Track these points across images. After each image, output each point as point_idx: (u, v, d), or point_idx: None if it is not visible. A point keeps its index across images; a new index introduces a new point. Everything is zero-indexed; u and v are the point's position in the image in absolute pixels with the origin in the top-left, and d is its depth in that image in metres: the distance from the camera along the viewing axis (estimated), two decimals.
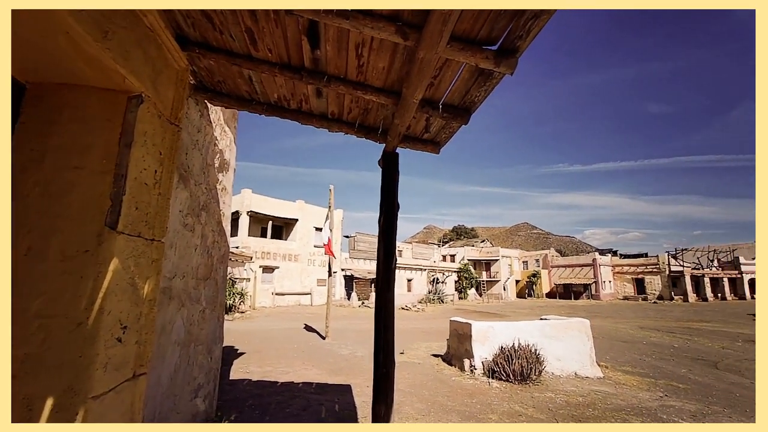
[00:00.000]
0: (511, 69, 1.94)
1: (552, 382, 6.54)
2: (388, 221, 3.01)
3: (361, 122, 3.08)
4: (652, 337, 14.39)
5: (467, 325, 7.34)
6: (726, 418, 5.17)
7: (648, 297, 43.43)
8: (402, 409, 4.95)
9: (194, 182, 3.13)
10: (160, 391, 2.43)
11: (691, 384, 7.25)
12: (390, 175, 3.11)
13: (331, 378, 6.68)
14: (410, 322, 17.78)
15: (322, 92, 2.67)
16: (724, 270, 45.73)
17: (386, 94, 2.50)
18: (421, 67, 1.93)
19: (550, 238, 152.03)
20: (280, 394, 5.54)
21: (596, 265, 44.67)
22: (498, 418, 4.76)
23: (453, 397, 5.63)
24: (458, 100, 2.50)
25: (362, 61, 2.25)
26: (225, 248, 4.25)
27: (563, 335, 7.39)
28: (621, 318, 22.64)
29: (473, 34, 1.85)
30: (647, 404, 5.56)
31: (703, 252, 48.49)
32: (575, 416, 4.90)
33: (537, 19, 1.64)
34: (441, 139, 3.10)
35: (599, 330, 15.18)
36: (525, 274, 48.55)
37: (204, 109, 3.30)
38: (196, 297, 3.19)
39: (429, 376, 6.90)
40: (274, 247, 24.67)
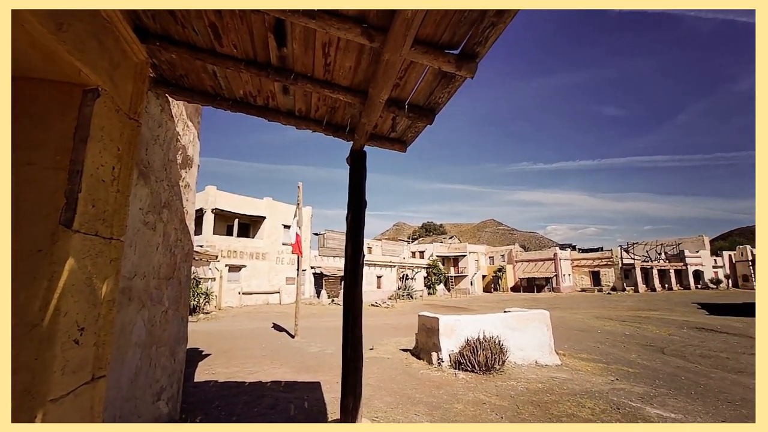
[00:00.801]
0: (472, 73, 2.03)
1: (514, 370, 6.85)
2: (356, 218, 3.05)
3: (328, 120, 3.10)
4: (606, 326, 15.33)
5: (435, 319, 7.53)
6: (671, 399, 5.63)
7: (603, 288, 46.11)
8: (371, 403, 5.03)
9: (155, 179, 3.03)
10: (121, 395, 2.35)
11: (640, 368, 7.82)
12: (357, 173, 3.15)
13: (301, 376, 6.65)
14: (380, 319, 17.91)
15: (289, 90, 2.67)
16: (670, 262, 49.30)
17: (353, 93, 2.54)
18: (387, 69, 1.98)
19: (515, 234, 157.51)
20: (248, 394, 5.46)
21: (557, 260, 46.83)
22: (463, 407, 4.95)
23: (421, 389, 5.77)
24: (423, 100, 2.58)
25: (329, 60, 2.27)
26: (189, 247, 4.13)
27: (525, 326, 7.74)
28: (579, 309, 23.92)
29: (436, 38, 1.93)
30: (600, 388, 5.96)
31: (652, 246, 52.00)
32: (534, 402, 5.17)
33: (494, 28, 1.74)
34: (407, 138, 3.18)
35: (559, 321, 15.98)
36: (491, 269, 50.09)
37: (165, 103, 3.19)
38: (158, 297, 3.10)
39: (398, 370, 7.02)
40: (240, 246, 24.01)
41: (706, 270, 50.44)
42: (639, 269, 45.29)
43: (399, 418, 4.48)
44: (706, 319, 19.00)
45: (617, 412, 4.84)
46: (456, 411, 4.80)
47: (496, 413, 4.74)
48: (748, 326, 16.12)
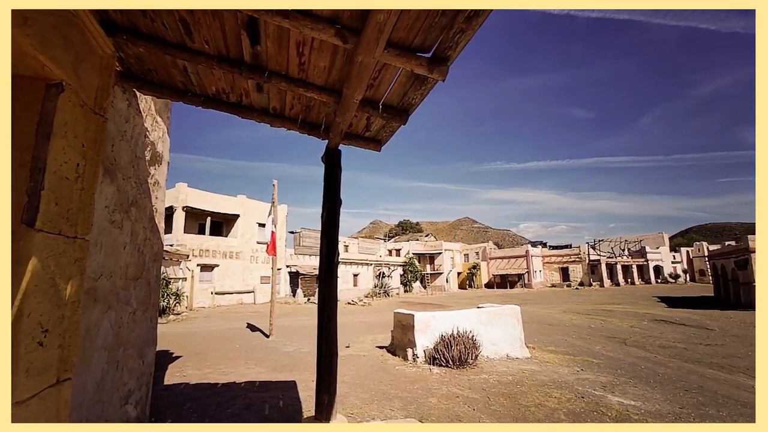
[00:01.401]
0: (443, 76, 2.10)
1: (487, 364, 7.06)
2: (331, 217, 3.08)
3: (303, 118, 3.10)
4: (573, 320, 15.98)
5: (410, 316, 7.64)
6: (632, 387, 5.96)
7: (571, 284, 47.94)
8: (347, 400, 5.06)
9: (122, 176, 2.94)
10: (87, 398, 2.28)
11: (603, 359, 8.22)
12: (332, 171, 3.17)
13: (276, 375, 6.60)
14: (356, 316, 17.94)
15: (263, 87, 2.66)
16: (633, 258, 51.82)
17: (328, 93, 2.56)
18: (360, 70, 2.02)
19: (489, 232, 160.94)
20: (221, 395, 5.37)
21: (528, 257, 48.26)
22: (437, 401, 5.06)
23: (396, 385, 5.86)
24: (397, 101, 2.63)
25: (303, 59, 2.28)
26: (158, 246, 4.01)
27: (497, 321, 7.98)
28: (548, 304, 24.79)
29: (408, 41, 1.98)
30: (566, 378, 6.24)
31: (616, 242, 54.49)
32: (505, 393, 5.36)
33: (463, 34, 1.81)
34: (382, 138, 3.22)
35: (529, 315, 16.52)
36: (466, 267, 51.02)
37: (133, 97, 3.10)
38: (125, 298, 3.01)
39: (374, 367, 7.08)
40: (213, 245, 23.38)
41: (666, 265, 53.41)
42: (604, 265, 47.34)
43: (374, 413, 4.54)
44: (666, 311, 20.13)
45: (581, 401, 5.09)
46: (430, 405, 4.91)
47: (469, 405, 4.88)
48: (704, 318, 17.21)
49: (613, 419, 4.46)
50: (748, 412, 4.89)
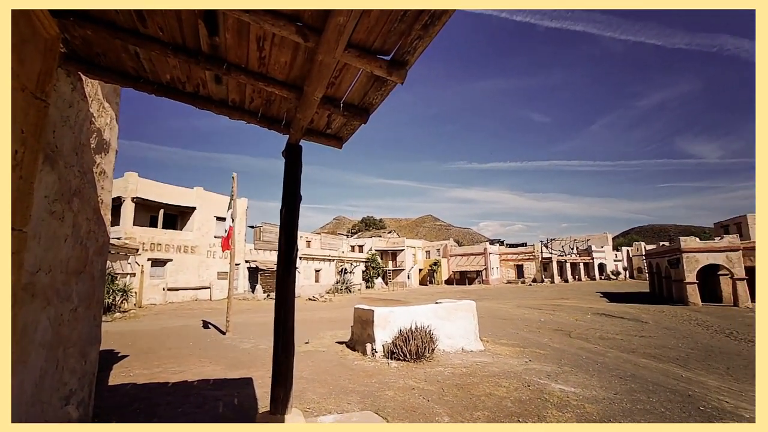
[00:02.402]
0: (401, 79, 2.18)
1: (442, 357, 7.31)
2: (290, 213, 3.08)
3: (264, 112, 3.07)
4: (525, 314, 16.85)
5: (370, 311, 7.74)
6: (573, 376, 6.42)
7: (525, 280, 50.38)
8: (304, 395, 5.07)
9: (64, 164, 2.76)
10: (24, 399, 2.14)
11: (550, 350, 8.77)
12: (293, 167, 3.17)
13: (231, 373, 6.46)
14: (317, 312, 17.82)
15: (221, 79, 2.60)
16: (581, 256, 55.34)
17: (289, 88, 2.55)
18: (321, 68, 2.05)
19: (451, 230, 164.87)
20: (171, 395, 5.19)
21: (487, 254, 50.09)
22: (394, 393, 5.20)
23: (354, 379, 5.93)
24: (358, 100, 2.68)
25: (264, 53, 2.27)
26: (103, 239, 3.80)
27: (453, 316, 8.28)
28: (503, 299, 25.93)
29: (369, 44, 2.04)
30: (515, 369, 6.61)
31: (566, 241, 57.92)
32: (458, 384, 5.61)
33: (420, 40, 1.89)
34: (343, 135, 3.26)
35: (485, 310, 17.22)
36: (427, 263, 52.05)
37: (77, 81, 2.91)
38: (66, 294, 2.84)
39: (333, 362, 7.11)
40: (166, 238, 22.19)
41: (609, 263, 57.63)
42: (555, 263, 50.17)
43: (331, 407, 4.59)
44: (607, 306, 21.74)
45: (527, 389, 5.43)
46: (386, 398, 5.03)
47: (424, 397, 5.06)
48: (640, 312, 18.78)
49: (554, 405, 4.80)
50: (676, 398, 5.44)
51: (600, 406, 4.89)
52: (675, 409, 4.95)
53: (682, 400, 5.36)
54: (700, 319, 16.87)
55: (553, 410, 4.65)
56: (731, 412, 5.01)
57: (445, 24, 1.80)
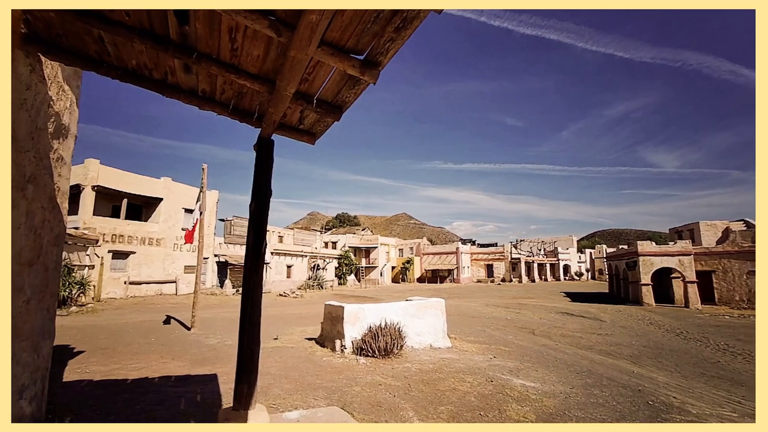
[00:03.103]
0: (374, 79, 2.21)
1: (411, 354, 7.43)
2: (260, 207, 3.05)
3: (235, 105, 3.02)
4: (493, 312, 17.35)
5: (340, 308, 7.75)
6: (533, 371, 6.69)
7: (495, 279, 51.75)
8: (270, 391, 5.03)
9: (18, 149, 2.62)
10: None
11: (514, 347, 9.09)
12: (264, 161, 3.14)
13: (195, 369, 6.30)
14: (288, 309, 17.61)
15: (191, 68, 2.54)
16: (547, 257, 57.45)
17: (261, 82, 2.53)
18: (293, 64, 2.05)
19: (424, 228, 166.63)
20: (130, 392, 5.01)
21: (458, 253, 51.04)
22: (360, 389, 5.25)
23: (322, 375, 5.94)
24: (331, 97, 2.69)
25: (236, 45, 2.24)
26: (59, 228, 3.61)
27: (422, 313, 8.42)
28: (473, 298, 26.55)
29: (342, 42, 2.06)
30: (480, 365, 6.82)
31: (534, 243, 59.99)
32: (425, 380, 5.73)
33: (393, 42, 1.93)
34: (316, 131, 3.25)
35: (455, 308, 17.59)
36: (400, 261, 52.45)
37: (36, 62, 2.76)
38: (18, 285, 2.69)
39: (301, 358, 7.08)
40: (129, 230, 21.21)
41: (573, 264, 60.19)
42: (524, 263, 51.81)
43: (297, 403, 4.58)
44: (570, 305, 22.70)
45: (490, 384, 5.62)
46: (353, 393, 5.07)
47: (390, 393, 5.13)
48: (599, 311, 19.73)
49: (515, 399, 5.00)
50: (627, 392, 5.78)
51: (557, 399, 5.14)
52: (626, 402, 5.27)
53: (633, 394, 5.71)
54: (653, 318, 17.93)
55: (514, 404, 4.85)
56: (678, 407, 5.37)
57: (417, 28, 1.85)
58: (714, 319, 18.23)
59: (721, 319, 18.49)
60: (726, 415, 5.42)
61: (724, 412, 5.60)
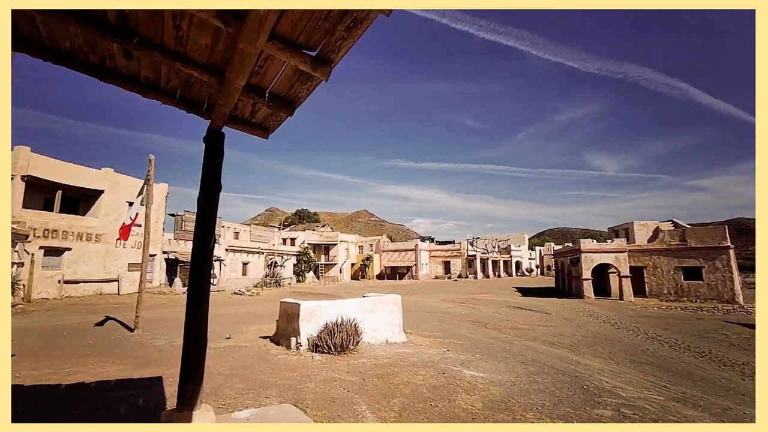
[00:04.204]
0: (326, 76, 2.23)
1: (366, 349, 7.51)
2: (209, 202, 2.96)
3: (183, 94, 2.90)
4: (448, 308, 17.89)
5: (296, 305, 7.66)
6: (483, 362, 7.01)
7: (452, 276, 53.29)
8: (220, 391, 4.89)
9: None
10: None
11: (466, 340, 9.47)
12: (214, 155, 3.04)
13: (138, 372, 5.97)
14: (243, 307, 17.09)
15: (132, 54, 2.41)
16: (501, 254, 60.05)
17: (210, 72, 2.46)
18: (243, 56, 2.02)
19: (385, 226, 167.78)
20: (65, 397, 4.66)
21: (417, 250, 51.97)
22: (315, 385, 5.24)
23: (276, 373, 5.85)
24: (284, 92, 2.67)
25: (181, 32, 2.16)
26: None
27: (379, 309, 8.53)
28: (430, 294, 27.20)
29: (293, 37, 2.05)
30: (433, 358, 7.04)
31: (489, 240, 62.45)
32: (379, 374, 5.83)
33: (344, 41, 1.96)
34: (270, 125, 3.20)
35: (413, 304, 17.95)
36: (360, 258, 52.50)
37: None
38: None
39: (254, 357, 6.93)
40: (64, 224, 19.47)
41: (524, 261, 63.46)
42: (479, 260, 53.78)
43: (248, 403, 4.50)
44: (520, 299, 23.93)
45: (442, 376, 5.83)
46: (307, 390, 5.06)
47: (344, 388, 5.18)
48: (545, 305, 20.95)
49: (464, 389, 5.24)
50: (566, 378, 6.22)
51: (503, 388, 5.44)
52: (564, 388, 5.68)
53: (570, 380, 6.17)
54: (593, 310, 19.36)
55: (463, 394, 5.07)
56: (610, 390, 5.87)
57: (368, 28, 1.89)
58: (644, 311, 20.02)
59: (651, 310, 20.34)
60: (653, 398, 5.98)
61: (651, 396, 6.19)
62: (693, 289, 23.20)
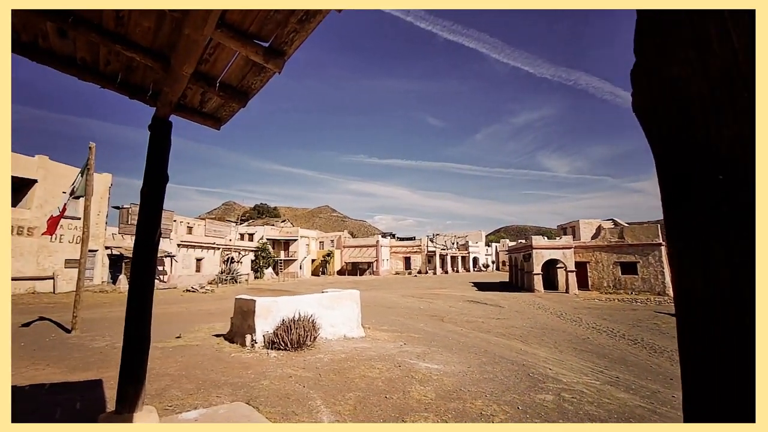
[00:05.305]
0: (279, 68, 2.20)
1: (324, 345, 7.49)
2: (153, 194, 2.82)
3: (124, 79, 2.73)
4: (408, 303, 18.21)
5: (251, 301, 7.47)
6: (439, 355, 7.22)
7: (412, 272, 54.18)
8: (167, 392, 4.68)
9: None
10: None
11: (423, 334, 9.70)
12: (160, 144, 2.91)
13: (76, 375, 5.57)
14: (196, 305, 16.37)
15: (66, 33, 2.24)
16: (459, 250, 61.93)
17: (154, 57, 2.34)
18: (189, 43, 1.94)
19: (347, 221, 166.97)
20: None
21: (378, 246, 52.28)
22: (269, 382, 5.16)
23: (228, 372, 5.69)
24: (236, 82, 2.60)
25: (122, 13, 2.04)
26: None
27: (337, 305, 8.52)
28: (391, 289, 27.51)
29: (244, 26, 2.01)
30: (390, 352, 7.16)
31: (449, 237, 64.23)
32: (335, 369, 5.84)
33: (297, 34, 1.95)
34: (221, 116, 3.10)
35: (373, 299, 18.07)
36: (320, 254, 51.92)
37: None
38: None
39: (206, 356, 6.68)
40: None
41: (481, 257, 65.94)
42: (438, 256, 55.11)
43: (197, 403, 4.35)
44: (476, 294, 24.83)
45: (398, 369, 5.95)
46: (261, 387, 4.97)
47: (300, 384, 5.14)
48: (499, 299, 21.90)
49: (419, 381, 5.39)
50: (514, 367, 6.56)
51: (455, 378, 5.65)
52: (512, 376, 6.00)
53: (518, 368, 6.53)
54: (542, 303, 20.52)
55: (417, 385, 5.21)
56: (553, 377, 6.27)
57: (321, 22, 1.89)
58: (587, 302, 21.52)
59: (593, 302, 21.91)
60: (590, 383, 6.47)
61: (589, 380, 6.69)
62: (629, 282, 25.22)
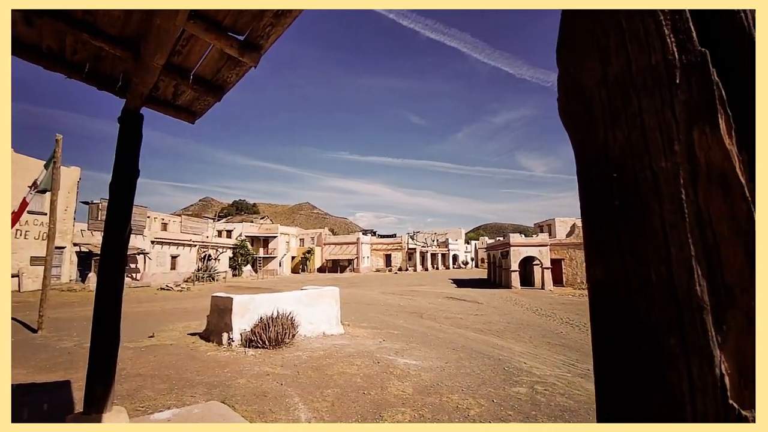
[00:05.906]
0: (255, 62, 2.16)
1: (303, 342, 7.45)
2: (123, 188, 2.73)
3: (92, 69, 2.63)
4: (388, 300, 18.29)
5: (228, 299, 7.35)
6: (417, 350, 7.30)
7: (392, 269, 54.43)
8: (140, 393, 4.56)
9: None
10: None
11: (403, 330, 9.77)
12: (130, 137, 2.82)
13: (44, 376, 5.35)
14: (170, 303, 15.93)
15: (32, 21, 2.14)
16: (440, 248, 62.63)
17: (123, 47, 2.26)
18: (160, 33, 1.89)
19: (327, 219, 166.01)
20: None
21: (359, 244, 52.24)
22: (246, 381, 5.10)
23: (203, 371, 5.59)
24: (211, 76, 2.54)
25: None
26: None
27: (316, 302, 8.48)
28: (371, 286, 27.55)
29: (219, 18, 1.97)
30: (369, 348, 7.19)
31: (429, 234, 64.83)
32: (314, 366, 5.83)
33: (273, 27, 1.93)
34: (196, 110, 3.03)
35: (353, 297, 18.06)
36: (300, 251, 51.45)
37: None
38: None
39: (180, 355, 6.53)
40: None
41: (461, 254, 66.90)
42: (419, 253, 55.56)
43: (170, 403, 4.25)
44: (454, 290, 25.18)
45: (377, 365, 5.99)
46: (238, 386, 4.91)
47: (278, 382, 5.10)
48: (478, 295, 22.28)
49: (397, 377, 5.44)
50: (490, 362, 6.70)
51: (433, 373, 5.74)
52: (488, 370, 6.14)
53: (494, 363, 6.68)
54: (518, 299, 21.01)
55: (395, 381, 5.26)
56: (527, 370, 6.44)
57: (297, 17, 1.88)
58: (561, 298, 22.18)
59: (567, 297, 22.59)
60: (562, 375, 6.68)
61: (561, 373, 6.91)
62: None
